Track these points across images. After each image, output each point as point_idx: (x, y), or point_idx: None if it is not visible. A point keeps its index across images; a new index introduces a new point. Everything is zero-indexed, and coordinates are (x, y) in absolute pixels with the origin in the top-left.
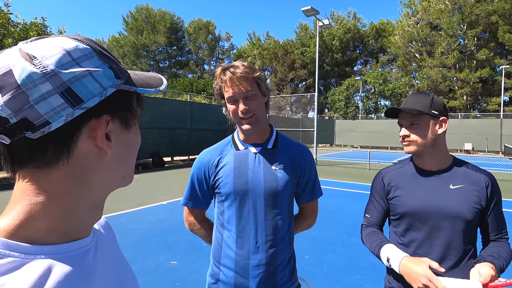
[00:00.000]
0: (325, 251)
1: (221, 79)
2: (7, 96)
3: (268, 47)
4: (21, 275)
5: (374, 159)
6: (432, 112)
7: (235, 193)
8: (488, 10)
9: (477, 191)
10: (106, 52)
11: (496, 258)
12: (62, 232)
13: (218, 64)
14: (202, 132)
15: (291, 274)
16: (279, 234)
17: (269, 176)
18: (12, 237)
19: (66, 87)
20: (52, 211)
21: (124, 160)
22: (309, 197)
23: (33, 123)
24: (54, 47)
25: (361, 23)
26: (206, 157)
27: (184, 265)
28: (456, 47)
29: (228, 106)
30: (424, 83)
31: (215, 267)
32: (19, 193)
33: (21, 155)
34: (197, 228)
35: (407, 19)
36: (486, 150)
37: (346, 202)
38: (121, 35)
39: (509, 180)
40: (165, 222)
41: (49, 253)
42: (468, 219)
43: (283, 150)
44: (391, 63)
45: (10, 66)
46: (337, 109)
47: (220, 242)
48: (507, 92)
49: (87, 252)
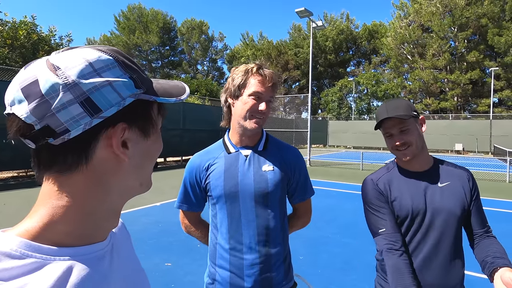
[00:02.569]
0: (319, 252)
1: (255, 73)
2: (33, 105)
3: (261, 47)
4: (42, 276)
5: (367, 160)
6: (413, 113)
7: (226, 195)
8: (478, 13)
9: (462, 186)
10: (130, 62)
11: (502, 258)
12: (81, 235)
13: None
14: (195, 132)
15: (286, 273)
16: (272, 234)
17: (259, 177)
18: (35, 239)
19: (86, 97)
20: (73, 215)
21: (141, 167)
22: (301, 197)
23: (55, 130)
24: (77, 58)
25: (354, 24)
26: (197, 161)
27: (179, 266)
28: (447, 49)
29: (248, 99)
30: (416, 84)
31: (211, 267)
32: (44, 196)
33: (45, 159)
34: (193, 230)
35: (399, 21)
36: (476, 150)
37: (340, 203)
38: (113, 34)
39: (499, 180)
40: (158, 223)
41: (68, 255)
42: (459, 215)
43: (273, 152)
44: (384, 65)
45: (36, 76)
46: (330, 110)
47: (214, 244)
48: (496, 93)
49: (104, 255)
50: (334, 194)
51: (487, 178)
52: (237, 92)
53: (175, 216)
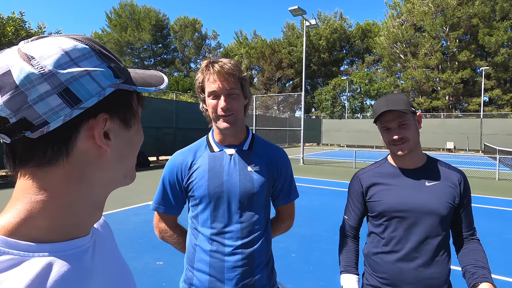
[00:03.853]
0: (311, 249)
1: (207, 71)
2: (6, 97)
3: (255, 46)
4: (19, 273)
5: (360, 158)
6: (411, 109)
7: (209, 195)
8: (469, 13)
9: (450, 188)
10: (106, 51)
11: (483, 267)
12: (62, 231)
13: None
14: (188, 131)
15: (269, 277)
16: (255, 235)
17: (244, 178)
18: (12, 235)
19: (64, 87)
20: (52, 210)
21: (124, 158)
22: (286, 200)
23: (32, 123)
24: (52, 47)
25: (347, 23)
26: (179, 158)
27: (170, 265)
28: (439, 48)
29: (208, 101)
30: (408, 83)
31: (188, 272)
32: (20, 191)
33: (22, 154)
34: (169, 235)
35: (392, 21)
36: (467, 148)
37: (333, 201)
38: (104, 31)
39: (489, 177)
40: (150, 222)
41: (48, 251)
42: (443, 215)
43: (259, 152)
44: (377, 64)
45: (9, 66)
46: (324, 109)
47: (193, 246)
48: (487, 92)
49: (86, 251)
50: (327, 192)
51: (478, 176)
52: (201, 96)
53: None
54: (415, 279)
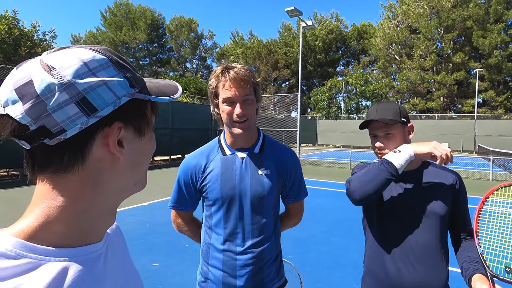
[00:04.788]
0: (308, 250)
1: (222, 77)
2: (28, 105)
3: (251, 46)
4: (36, 276)
5: (356, 159)
6: (402, 119)
7: (222, 198)
8: (463, 15)
9: (446, 188)
10: (123, 62)
11: (476, 261)
12: (77, 236)
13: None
14: (184, 131)
15: (277, 271)
16: (265, 235)
17: (256, 182)
18: (30, 239)
19: (82, 97)
20: (68, 215)
21: (136, 166)
22: (295, 198)
23: (51, 130)
24: (72, 57)
25: (343, 24)
26: (193, 161)
27: (167, 267)
28: (433, 50)
29: (223, 106)
30: (403, 84)
31: (204, 266)
32: (39, 197)
33: (40, 160)
34: (186, 229)
35: (388, 22)
36: (461, 149)
37: (328, 201)
38: (99, 30)
39: (483, 178)
40: (146, 223)
41: (64, 256)
42: (441, 215)
43: (269, 155)
44: (372, 65)
45: (31, 76)
46: (320, 109)
47: (208, 244)
48: (481, 94)
49: (99, 257)
50: (323, 193)
51: (472, 176)
52: (215, 101)
53: (163, 216)
54: (411, 282)
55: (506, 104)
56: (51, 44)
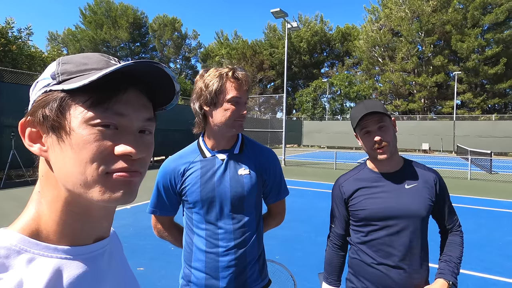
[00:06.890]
0: (294, 250)
1: (232, 78)
2: None
3: (236, 47)
4: (37, 271)
5: (340, 159)
6: (387, 113)
7: (202, 200)
8: (443, 20)
9: (428, 188)
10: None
11: (448, 261)
12: (67, 235)
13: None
14: (167, 132)
15: (260, 271)
16: (247, 236)
17: (235, 182)
18: (32, 235)
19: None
20: (47, 213)
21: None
22: (276, 198)
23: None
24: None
25: (328, 26)
26: (171, 165)
27: (152, 270)
28: (415, 53)
29: (227, 105)
30: (386, 86)
31: (186, 269)
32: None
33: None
34: (166, 234)
35: (371, 25)
36: (441, 149)
37: (314, 202)
38: (78, 28)
39: (461, 177)
40: (129, 227)
41: (62, 252)
42: (423, 216)
43: (249, 155)
44: (356, 66)
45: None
46: (305, 110)
47: (190, 246)
48: (459, 96)
49: (98, 256)
50: (308, 194)
51: (451, 176)
52: (214, 99)
53: (147, 219)
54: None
55: (483, 105)
56: (27, 42)
